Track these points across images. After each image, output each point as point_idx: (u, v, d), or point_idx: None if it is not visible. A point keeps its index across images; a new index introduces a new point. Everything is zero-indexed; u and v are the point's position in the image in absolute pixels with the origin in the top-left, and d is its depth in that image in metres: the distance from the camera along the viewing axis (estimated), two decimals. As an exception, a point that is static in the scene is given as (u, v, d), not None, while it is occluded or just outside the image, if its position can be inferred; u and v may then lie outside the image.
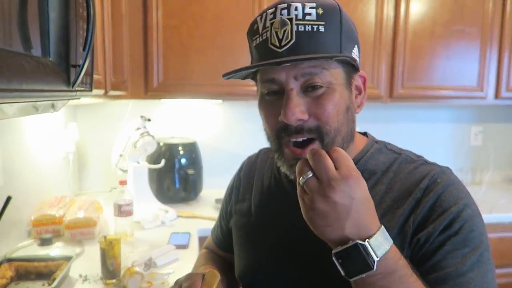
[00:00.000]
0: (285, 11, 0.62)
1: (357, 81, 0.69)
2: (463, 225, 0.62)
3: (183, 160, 1.98)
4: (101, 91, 1.33)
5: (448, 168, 0.71)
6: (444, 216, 0.63)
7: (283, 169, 0.69)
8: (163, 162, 1.87)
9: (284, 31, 0.62)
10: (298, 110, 0.62)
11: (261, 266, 0.77)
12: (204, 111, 2.21)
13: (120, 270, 1.21)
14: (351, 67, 0.67)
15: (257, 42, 0.66)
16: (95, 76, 1.01)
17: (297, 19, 0.62)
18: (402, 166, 0.71)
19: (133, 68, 1.81)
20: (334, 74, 0.64)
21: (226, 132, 2.23)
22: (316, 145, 0.64)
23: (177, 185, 1.96)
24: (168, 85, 1.84)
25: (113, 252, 1.19)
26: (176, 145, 1.99)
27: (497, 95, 2.10)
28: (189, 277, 0.66)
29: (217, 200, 1.93)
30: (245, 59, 1.87)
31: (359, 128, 0.75)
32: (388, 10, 1.94)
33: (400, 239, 0.64)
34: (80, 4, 0.73)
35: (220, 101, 2.09)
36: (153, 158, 1.92)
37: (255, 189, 0.85)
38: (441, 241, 0.62)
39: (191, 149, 2.02)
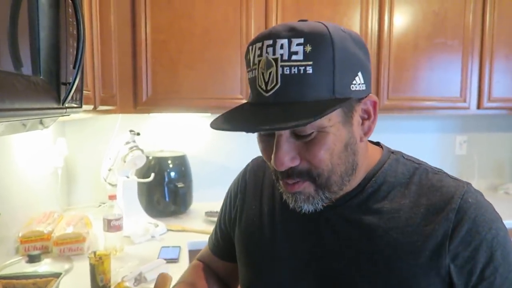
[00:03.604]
0: (270, 50, 0.58)
1: (365, 104, 0.64)
2: (503, 251, 0.62)
3: (172, 174, 1.98)
4: (91, 107, 1.33)
5: (469, 183, 0.67)
6: (484, 246, 0.61)
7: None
8: (152, 176, 1.87)
9: (270, 73, 0.58)
10: (287, 159, 0.60)
11: (278, 284, 0.74)
12: (193, 125, 2.22)
13: (110, 286, 1.20)
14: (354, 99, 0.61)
15: (249, 76, 0.63)
16: (84, 92, 1.01)
17: (282, 60, 0.57)
18: (424, 178, 0.67)
19: (122, 82, 1.82)
20: (328, 116, 0.58)
21: (215, 145, 2.24)
22: (306, 185, 0.63)
23: (167, 199, 1.95)
24: (157, 99, 1.85)
25: (102, 268, 1.18)
26: (166, 159, 2.00)
27: (479, 105, 2.16)
28: None
29: (207, 213, 1.93)
30: (233, 74, 1.91)
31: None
32: (373, 23, 1.99)
33: (434, 263, 0.62)
34: (70, 23, 0.75)
35: (208, 114, 2.11)
36: (143, 172, 1.92)
37: (266, 196, 0.80)
38: (489, 275, 0.61)
39: (181, 163, 2.03)
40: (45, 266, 1.37)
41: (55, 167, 1.86)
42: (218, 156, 2.24)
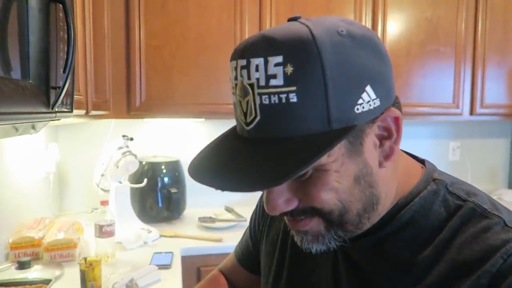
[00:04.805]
0: (245, 72, 0.45)
1: (383, 121, 0.49)
2: None
3: (166, 179, 1.97)
4: (83, 111, 1.33)
5: None
6: None
7: None
8: (145, 181, 1.86)
9: (247, 102, 0.46)
10: (281, 202, 0.49)
11: None
12: (187, 130, 2.21)
13: (100, 293, 1.18)
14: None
15: (232, 99, 0.51)
16: (76, 97, 1.01)
17: (259, 86, 0.44)
18: (466, 222, 0.50)
19: (115, 87, 1.81)
20: (328, 153, 0.45)
21: (210, 150, 2.23)
22: (315, 222, 0.50)
23: (160, 205, 1.94)
24: (150, 104, 1.85)
25: (93, 274, 1.17)
26: (159, 164, 1.99)
27: (472, 111, 2.18)
28: None
29: (200, 219, 1.92)
30: (227, 79, 1.90)
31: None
32: (366, 30, 2.01)
33: None
34: (61, 27, 0.75)
35: (202, 119, 2.11)
36: (136, 178, 1.91)
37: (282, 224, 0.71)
38: None
39: (174, 168, 2.02)
40: (35, 272, 1.35)
41: (47, 172, 1.84)
42: (212, 161, 2.23)
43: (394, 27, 2.03)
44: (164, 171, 1.98)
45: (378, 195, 0.51)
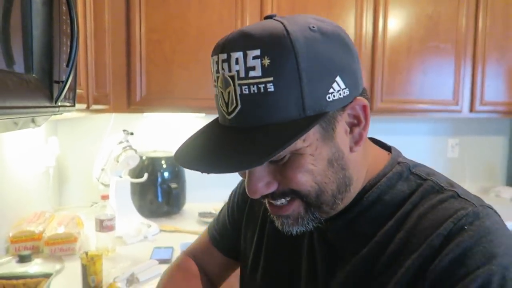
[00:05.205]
0: (226, 65, 0.50)
1: (352, 110, 0.54)
2: None
3: (166, 174, 1.97)
4: (84, 106, 1.32)
5: (487, 209, 0.53)
6: (468, 281, 0.47)
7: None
8: (145, 176, 1.86)
9: (229, 93, 0.50)
10: (261, 185, 0.53)
11: None
12: (187, 125, 2.21)
13: (101, 287, 1.19)
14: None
15: (214, 91, 0.56)
16: (77, 91, 1.01)
17: (239, 78, 0.49)
18: (425, 197, 0.56)
19: (116, 82, 1.81)
20: (302, 137, 0.50)
21: (209, 145, 2.23)
22: (296, 205, 0.55)
23: (160, 199, 1.95)
24: (150, 99, 1.85)
25: (94, 268, 1.17)
26: (159, 159, 1.99)
27: (471, 108, 2.18)
28: None
29: (200, 214, 1.92)
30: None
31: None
32: (367, 26, 2.01)
33: None
34: (64, 21, 0.74)
35: (203, 114, 2.10)
36: (136, 172, 1.91)
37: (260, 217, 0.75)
38: None
39: (174, 163, 2.02)
40: (35, 266, 1.36)
41: (46, 166, 1.84)
42: (212, 156, 2.23)
43: (395, 23, 2.03)
44: (164, 166, 1.98)
45: (350, 177, 0.56)
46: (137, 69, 1.82)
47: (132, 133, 1.85)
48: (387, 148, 0.65)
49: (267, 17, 0.53)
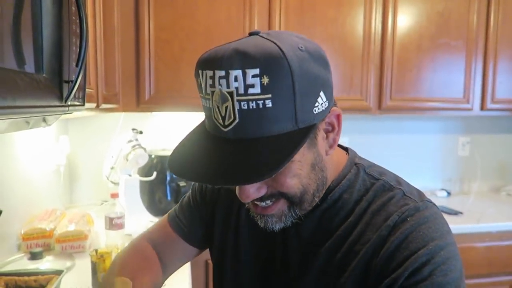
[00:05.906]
0: (224, 82, 0.52)
1: (328, 118, 0.60)
2: (434, 269, 0.56)
3: (174, 172, 1.97)
4: (93, 105, 1.33)
5: (427, 203, 0.63)
6: (411, 260, 0.56)
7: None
8: (154, 174, 1.87)
9: (226, 107, 0.53)
10: (252, 191, 0.58)
11: (240, 285, 0.76)
12: (196, 124, 2.21)
13: (111, 284, 1.20)
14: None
15: (202, 103, 0.59)
16: (87, 90, 1.02)
17: (238, 94, 0.52)
18: (378, 195, 0.65)
19: (125, 81, 1.82)
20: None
21: (218, 144, 2.23)
22: (281, 204, 0.61)
23: (169, 198, 1.96)
24: (159, 97, 1.86)
25: (104, 266, 1.18)
26: (168, 158, 1.99)
27: (482, 106, 2.15)
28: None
29: (208, 212, 1.93)
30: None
31: (349, 139, 0.74)
32: (376, 24, 1.99)
33: (363, 282, 0.60)
34: (73, 21, 0.75)
35: (211, 113, 2.11)
36: (145, 171, 1.92)
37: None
38: (407, 287, 0.56)
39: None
40: (47, 263, 1.38)
41: (57, 165, 1.86)
42: (220, 155, 2.23)
43: (404, 21, 2.01)
44: (173, 164, 1.98)
45: (326, 177, 0.64)
46: (146, 68, 1.83)
47: (141, 132, 1.86)
48: (344, 148, 0.73)
49: (252, 33, 0.58)
